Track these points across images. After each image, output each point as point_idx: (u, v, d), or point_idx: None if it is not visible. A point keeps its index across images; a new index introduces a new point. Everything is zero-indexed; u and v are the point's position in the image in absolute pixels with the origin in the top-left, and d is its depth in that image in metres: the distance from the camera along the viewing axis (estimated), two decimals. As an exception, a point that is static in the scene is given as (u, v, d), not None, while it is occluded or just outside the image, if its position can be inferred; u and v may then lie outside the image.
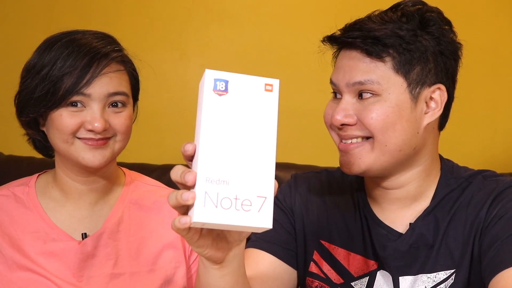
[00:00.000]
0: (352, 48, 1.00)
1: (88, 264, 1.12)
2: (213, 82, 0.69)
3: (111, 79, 1.09)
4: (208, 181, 0.66)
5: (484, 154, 2.11)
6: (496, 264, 0.91)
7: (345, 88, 0.99)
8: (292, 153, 1.88)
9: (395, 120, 0.97)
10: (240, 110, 0.69)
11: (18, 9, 2.13)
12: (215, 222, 0.66)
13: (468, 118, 2.10)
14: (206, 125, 0.67)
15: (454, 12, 2.09)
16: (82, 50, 1.07)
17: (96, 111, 1.07)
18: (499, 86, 2.12)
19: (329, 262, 1.09)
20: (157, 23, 2.12)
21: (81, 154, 1.08)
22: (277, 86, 0.71)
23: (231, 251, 0.79)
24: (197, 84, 0.73)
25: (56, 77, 1.06)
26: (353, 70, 0.98)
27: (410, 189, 1.04)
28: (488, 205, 0.99)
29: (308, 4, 2.13)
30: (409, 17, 0.99)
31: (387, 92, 0.97)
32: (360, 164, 0.99)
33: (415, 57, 0.97)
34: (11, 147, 1.78)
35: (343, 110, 0.99)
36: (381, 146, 0.97)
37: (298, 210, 1.13)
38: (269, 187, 0.68)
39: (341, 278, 1.08)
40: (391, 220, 1.06)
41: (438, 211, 1.03)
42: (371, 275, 1.05)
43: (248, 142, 0.68)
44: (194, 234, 0.74)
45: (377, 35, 0.96)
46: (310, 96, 2.03)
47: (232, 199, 0.66)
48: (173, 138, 2.04)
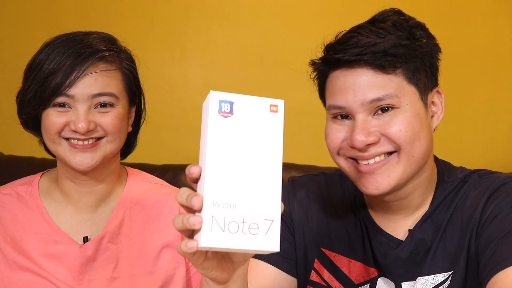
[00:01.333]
0: (357, 66, 0.95)
1: (89, 268, 1.12)
2: (218, 104, 0.68)
3: (96, 80, 1.07)
4: (215, 205, 0.65)
5: (484, 154, 2.11)
6: (493, 265, 0.89)
7: (360, 108, 0.94)
8: (292, 153, 1.87)
9: (419, 129, 0.95)
10: (246, 132, 0.68)
11: (18, 9, 2.13)
12: (223, 247, 0.65)
13: (468, 118, 2.10)
14: (212, 148, 0.67)
15: (454, 12, 2.10)
16: (69, 50, 1.07)
17: (80, 112, 1.06)
18: (499, 86, 2.12)
19: (330, 269, 1.08)
20: (157, 23, 2.12)
21: (68, 157, 1.08)
22: (282, 106, 0.70)
23: (236, 271, 0.78)
24: (197, 84, 0.72)
25: (42, 77, 1.06)
26: (366, 87, 0.94)
27: (414, 198, 1.02)
28: (483, 204, 0.97)
29: (308, 4, 2.13)
30: (400, 26, 0.97)
31: (405, 103, 0.94)
32: (390, 181, 0.95)
33: (419, 64, 0.97)
34: (11, 147, 1.78)
35: (364, 130, 0.94)
36: (409, 157, 0.95)
37: (297, 218, 1.11)
38: (276, 209, 0.67)
39: (342, 286, 1.06)
40: (392, 228, 1.04)
41: (436, 215, 1.01)
42: (371, 282, 1.04)
43: (254, 164, 0.67)
44: (200, 257, 0.73)
45: (385, 48, 0.93)
46: (310, 96, 2.02)
47: (239, 223, 0.66)
48: (173, 138, 2.04)
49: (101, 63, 1.08)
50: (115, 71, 1.11)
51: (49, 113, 1.08)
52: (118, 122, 1.10)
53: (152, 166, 1.73)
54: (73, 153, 1.08)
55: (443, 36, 2.06)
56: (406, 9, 1.10)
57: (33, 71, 1.08)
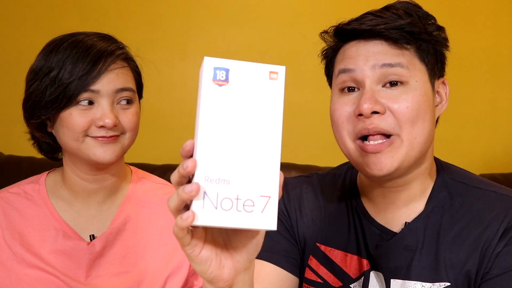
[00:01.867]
0: (370, 38, 0.95)
1: (96, 264, 1.13)
2: (212, 71, 0.63)
3: (118, 76, 1.10)
4: (207, 181, 0.61)
5: (484, 154, 2.11)
6: None
7: (370, 72, 0.94)
8: (292, 153, 1.88)
9: (425, 109, 0.94)
10: (243, 101, 0.63)
11: (18, 9, 2.13)
12: (215, 225, 0.61)
13: (468, 118, 2.10)
14: (205, 119, 0.62)
15: (454, 12, 2.10)
16: (89, 51, 1.08)
17: (105, 107, 1.08)
18: (499, 86, 2.12)
19: (326, 265, 1.07)
20: (158, 23, 2.12)
21: (92, 151, 1.09)
22: (283, 73, 0.65)
23: (239, 275, 0.72)
24: (197, 84, 0.69)
25: (68, 80, 1.06)
26: (379, 54, 0.94)
27: (412, 189, 1.01)
28: (501, 232, 0.94)
29: (308, 4, 2.13)
30: (413, 13, 0.98)
31: (415, 79, 0.94)
32: (394, 162, 0.94)
33: (431, 48, 0.98)
34: (11, 147, 1.78)
35: (372, 97, 0.93)
36: (411, 139, 0.94)
37: (293, 217, 1.12)
38: (274, 185, 0.63)
39: (339, 281, 1.06)
40: (386, 220, 1.03)
41: (435, 214, 1.00)
42: (365, 275, 1.03)
43: (251, 136, 0.63)
44: (196, 247, 0.67)
45: (401, 24, 0.94)
46: (310, 96, 2.03)
47: (233, 200, 0.61)
48: (173, 138, 2.04)
49: (119, 60, 1.12)
50: (128, 69, 1.14)
51: (72, 112, 1.07)
52: (137, 119, 1.14)
53: (152, 166, 1.73)
54: (96, 147, 1.09)
55: (443, 36, 2.05)
56: (406, 9, 1.09)
57: (47, 73, 1.08)
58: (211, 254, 0.68)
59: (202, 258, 0.68)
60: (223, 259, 0.70)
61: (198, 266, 0.69)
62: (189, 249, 0.67)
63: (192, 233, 0.66)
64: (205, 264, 0.68)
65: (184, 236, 0.65)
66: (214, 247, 0.69)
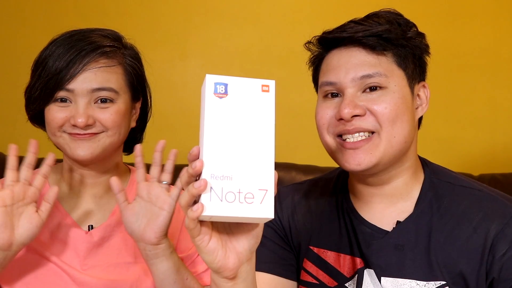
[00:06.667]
0: (350, 46, 1.01)
1: (93, 253, 1.14)
2: (213, 85, 0.74)
3: (96, 75, 1.09)
4: (213, 177, 0.71)
5: (484, 154, 2.11)
6: None
7: (350, 83, 1.00)
8: (292, 153, 1.88)
9: (403, 111, 1.00)
10: (240, 110, 0.74)
11: (18, 9, 2.14)
12: (221, 215, 0.70)
13: (468, 118, 2.10)
14: (209, 126, 0.73)
15: (454, 12, 2.10)
16: (72, 47, 1.09)
17: (79, 106, 1.09)
18: (499, 86, 2.12)
19: (321, 266, 1.10)
20: (158, 23, 2.12)
21: (69, 146, 1.11)
22: (273, 86, 0.76)
23: (242, 265, 0.80)
24: (197, 84, 0.73)
25: (46, 74, 1.08)
26: (358, 65, 1.00)
27: (397, 185, 1.05)
28: (496, 236, 0.97)
29: (308, 5, 2.13)
30: (393, 21, 1.02)
31: (393, 84, 0.99)
32: (372, 158, 0.99)
33: (409, 53, 1.02)
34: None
35: (352, 102, 0.99)
36: (390, 137, 0.99)
37: (286, 225, 1.15)
38: (270, 180, 0.72)
39: (334, 281, 1.08)
40: (377, 219, 1.06)
41: (424, 214, 1.02)
42: (359, 273, 1.05)
43: (248, 139, 0.73)
44: (205, 236, 0.76)
45: (378, 31, 0.99)
46: (310, 96, 2.02)
47: (235, 193, 0.71)
48: (173, 138, 2.03)
49: (102, 58, 1.11)
50: (116, 67, 1.13)
51: (50, 108, 1.10)
52: (118, 117, 1.12)
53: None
54: (73, 143, 1.10)
55: (444, 36, 2.06)
56: (406, 9, 1.10)
57: (38, 68, 1.11)
58: (217, 245, 0.77)
59: (210, 249, 0.77)
60: (228, 250, 0.78)
61: (206, 256, 0.78)
62: (198, 240, 0.76)
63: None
64: (212, 254, 0.77)
65: (195, 227, 0.74)
66: (220, 239, 0.78)
